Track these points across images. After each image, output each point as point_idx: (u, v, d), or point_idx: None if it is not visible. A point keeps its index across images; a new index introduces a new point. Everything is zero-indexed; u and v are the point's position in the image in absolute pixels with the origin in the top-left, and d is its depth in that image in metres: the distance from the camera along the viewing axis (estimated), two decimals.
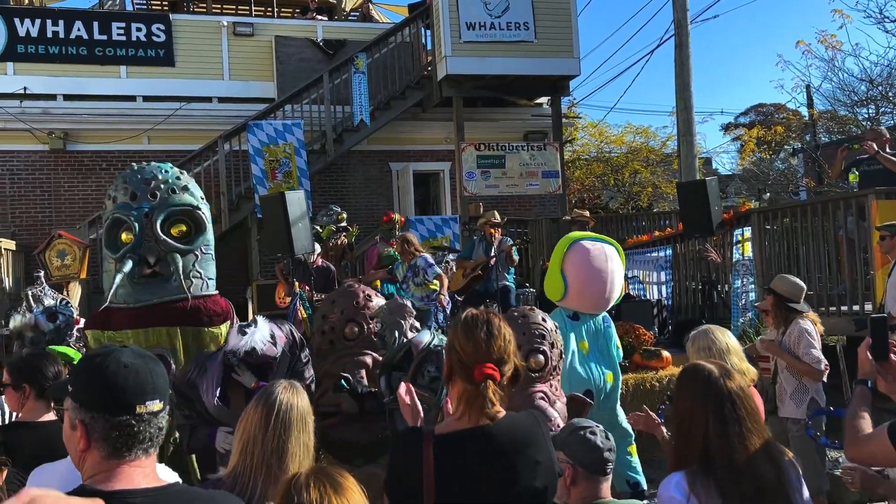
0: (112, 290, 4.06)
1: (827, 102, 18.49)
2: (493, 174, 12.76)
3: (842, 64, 15.25)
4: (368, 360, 4.46)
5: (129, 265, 4.04)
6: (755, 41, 66.38)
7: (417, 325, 4.25)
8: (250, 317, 9.86)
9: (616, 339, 4.95)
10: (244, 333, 3.50)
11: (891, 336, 2.52)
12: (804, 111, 21.06)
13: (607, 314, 4.96)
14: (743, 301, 8.59)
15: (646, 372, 7.21)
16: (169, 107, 12.51)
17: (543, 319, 3.41)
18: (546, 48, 12.62)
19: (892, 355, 2.44)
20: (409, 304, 4.44)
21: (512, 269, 8.93)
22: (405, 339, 3.85)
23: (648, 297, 10.51)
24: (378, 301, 5.14)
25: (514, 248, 8.59)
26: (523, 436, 2.09)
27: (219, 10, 15.29)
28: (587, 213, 9.78)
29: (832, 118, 19.87)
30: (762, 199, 22.95)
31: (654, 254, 10.66)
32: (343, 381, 3.94)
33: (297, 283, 7.82)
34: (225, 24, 13.32)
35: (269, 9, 15.22)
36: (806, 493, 2.23)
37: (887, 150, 7.82)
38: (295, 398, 2.21)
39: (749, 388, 2.36)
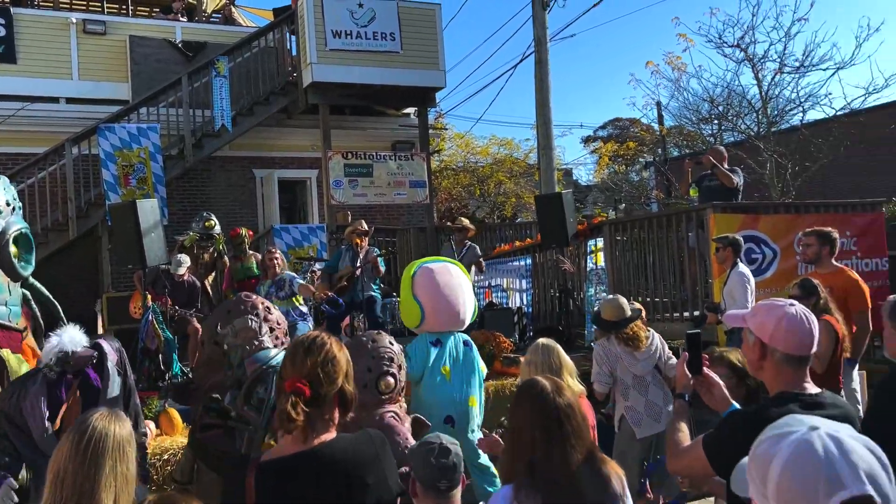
0: None
1: (675, 119, 19.77)
2: (361, 183, 12.71)
3: (686, 84, 16.36)
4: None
5: None
6: (612, 59, 70.01)
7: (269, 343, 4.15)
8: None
9: (480, 362, 5.03)
10: (51, 340, 3.27)
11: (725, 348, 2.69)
12: (656, 126, 22.45)
13: (469, 338, 5.04)
14: (596, 308, 9.00)
15: (505, 378, 7.42)
16: (10, 106, 11.62)
17: (391, 343, 3.44)
18: (412, 59, 12.75)
19: (705, 369, 2.60)
20: (279, 327, 4.33)
21: (378, 280, 8.93)
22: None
23: (511, 304, 10.82)
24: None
25: (380, 258, 8.61)
26: (354, 457, 2.09)
27: (67, 6, 14.38)
28: (466, 221, 9.97)
29: (680, 134, 21.26)
30: (618, 210, 24.22)
31: (516, 263, 10.99)
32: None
33: (149, 296, 7.46)
34: (74, 20, 12.54)
35: (124, 7, 14.48)
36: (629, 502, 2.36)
37: (725, 165, 8.46)
38: (112, 426, 2.09)
39: (578, 405, 2.47)
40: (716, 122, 16.94)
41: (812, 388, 2.38)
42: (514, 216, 21.04)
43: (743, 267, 6.55)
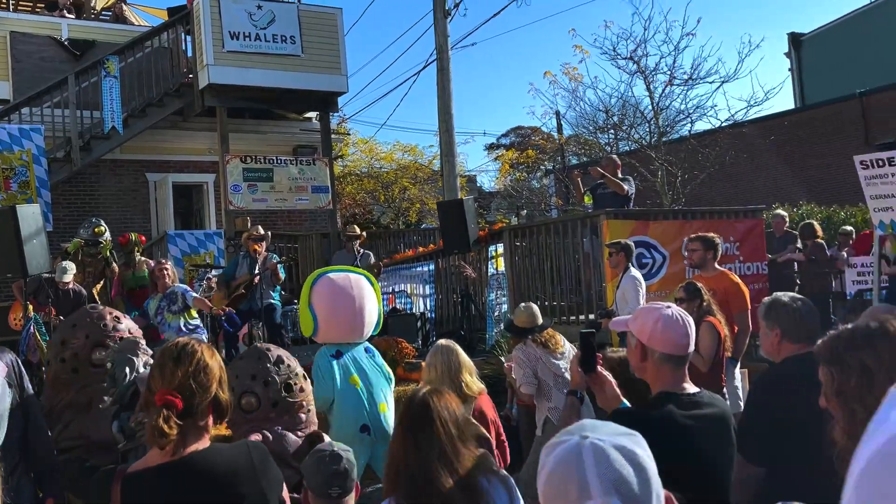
0: None
1: (573, 128, 20.34)
2: (261, 188, 12.45)
3: (583, 94, 16.84)
4: None
5: None
6: (513, 68, 71.58)
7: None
8: None
9: (386, 367, 5.01)
10: None
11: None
12: (556, 135, 23.05)
13: (372, 346, 5.01)
14: (497, 312, 9.17)
15: (408, 384, 7.43)
16: None
17: (280, 360, 3.36)
18: (313, 63, 12.61)
19: (598, 367, 2.69)
20: (141, 341, 4.19)
21: (278, 287, 8.78)
22: (135, 377, 3.63)
23: (415, 310, 10.87)
24: (128, 323, 4.79)
25: (279, 265, 8.46)
26: (226, 468, 2.02)
27: None
28: (357, 228, 9.91)
29: (579, 142, 21.90)
30: (520, 216, 24.71)
31: (419, 268, 11.05)
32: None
33: (31, 306, 7.06)
34: None
35: (4, 2, 13.66)
36: None
37: (619, 174, 8.78)
38: None
39: (461, 415, 2.41)
40: (611, 131, 17.53)
41: (690, 388, 2.50)
42: (418, 222, 21.13)
43: (635, 271, 6.80)
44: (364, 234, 9.77)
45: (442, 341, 4.23)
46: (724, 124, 15.26)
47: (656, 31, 18.20)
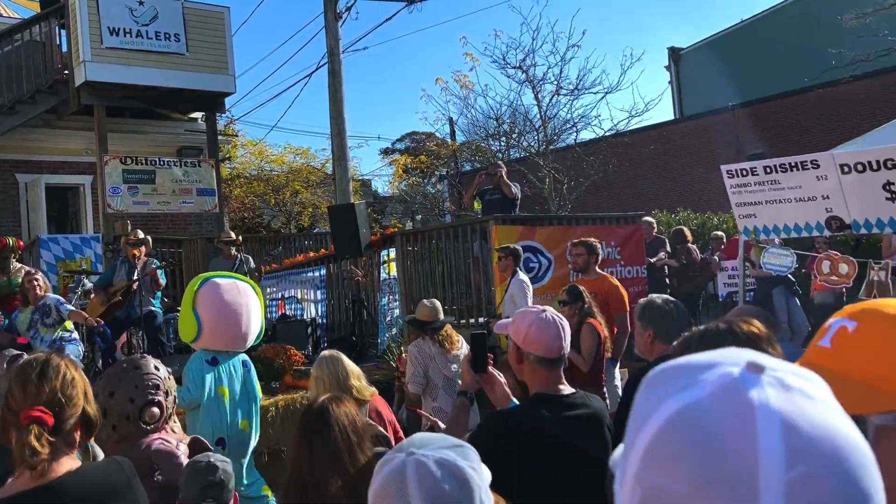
0: None
1: (465, 135, 20.63)
2: (143, 190, 11.94)
3: (474, 102, 17.11)
4: None
5: None
6: (407, 73, 71.86)
7: None
8: None
9: (257, 385, 4.89)
10: None
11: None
12: (450, 141, 23.30)
13: (249, 360, 4.88)
14: (388, 317, 9.16)
15: (296, 392, 7.30)
16: None
17: (156, 367, 3.25)
18: (199, 63, 12.21)
19: (490, 367, 2.72)
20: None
21: (159, 294, 8.43)
22: None
23: (305, 316, 10.69)
24: None
25: (160, 270, 8.13)
26: (100, 487, 1.94)
27: None
28: (233, 233, 9.64)
29: (471, 149, 22.22)
30: (415, 221, 24.81)
31: (310, 273, 10.89)
32: None
33: None
34: None
35: None
36: None
37: (505, 178, 8.97)
38: None
39: (353, 421, 2.42)
40: (503, 138, 17.89)
41: (566, 389, 2.57)
42: (311, 226, 20.82)
43: (522, 275, 6.97)
44: (240, 238, 9.51)
45: (325, 352, 4.20)
46: (607, 134, 15.89)
47: (544, 42, 18.67)
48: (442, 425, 3.36)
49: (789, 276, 7.79)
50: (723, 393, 0.60)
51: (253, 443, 4.64)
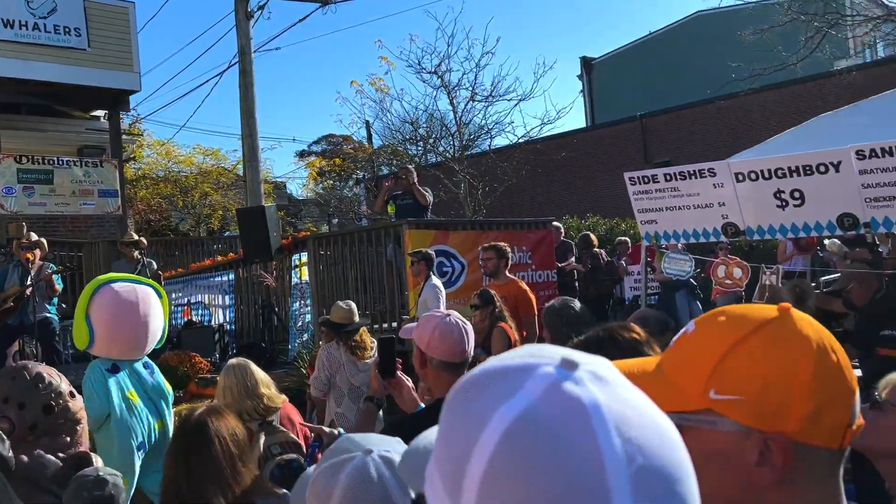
0: None
1: (382, 139, 20.59)
2: (39, 190, 11.37)
3: (390, 106, 17.07)
4: None
5: None
6: (323, 75, 71.26)
7: None
8: None
9: (165, 384, 4.72)
10: None
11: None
12: (367, 144, 23.19)
13: (150, 361, 4.70)
14: (300, 323, 9.01)
15: (201, 401, 7.07)
16: None
17: (39, 377, 3.04)
18: (101, 58, 11.72)
19: (398, 372, 2.69)
20: None
21: (55, 300, 8.03)
22: None
23: (213, 322, 10.40)
24: None
25: (56, 275, 7.74)
26: None
27: None
28: (134, 235, 9.28)
29: (388, 153, 22.18)
30: (331, 224, 24.56)
31: (218, 278, 10.60)
32: None
33: None
34: None
35: None
36: None
37: (416, 183, 8.95)
38: None
39: (242, 435, 2.36)
40: (420, 143, 17.93)
41: None
42: (222, 229, 20.28)
43: (435, 279, 6.99)
44: (143, 240, 9.17)
45: (233, 360, 4.07)
46: (520, 140, 16.14)
47: (459, 48, 18.86)
48: (333, 431, 3.33)
49: (691, 280, 8.10)
50: (551, 395, 0.57)
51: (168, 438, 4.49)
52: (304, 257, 9.41)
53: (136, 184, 18.16)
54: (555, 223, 11.45)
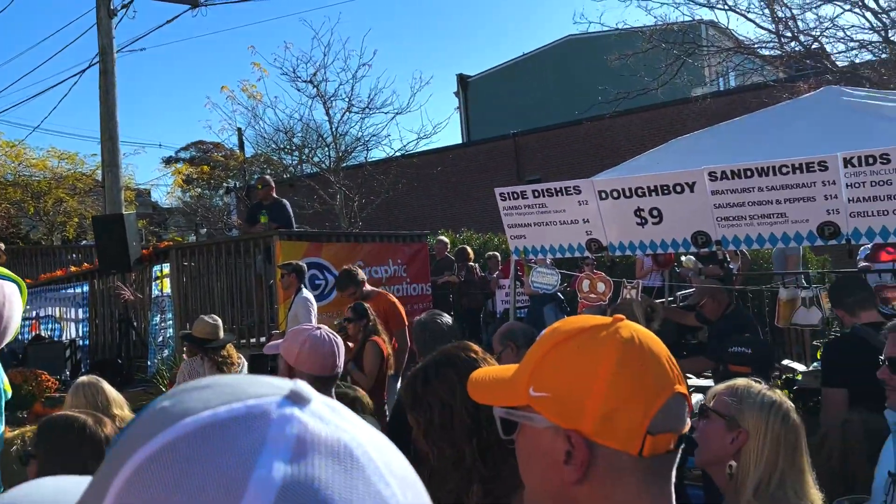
0: None
1: (254, 147, 20.01)
2: None
3: (263, 113, 16.64)
4: None
5: None
6: (194, 80, 68.83)
7: None
8: None
9: (4, 380, 4.31)
10: None
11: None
12: (238, 152, 22.47)
13: None
14: (161, 338, 8.55)
15: None
16: None
17: None
18: None
19: None
20: None
21: None
22: None
23: (64, 337, 9.68)
24: None
25: None
26: None
27: None
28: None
29: (261, 161, 21.59)
30: (200, 234, 23.60)
31: (71, 290, 9.89)
32: None
33: None
34: None
35: None
36: None
37: (273, 195, 8.71)
38: None
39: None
40: (295, 153, 17.59)
41: None
42: (78, 238, 19.02)
43: (307, 292, 6.83)
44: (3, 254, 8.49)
45: (83, 378, 3.79)
46: (396, 153, 16.18)
47: (335, 59, 18.66)
48: None
49: (558, 293, 8.34)
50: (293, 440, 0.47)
51: None
52: (167, 269, 8.95)
53: None
54: (442, 238, 11.53)
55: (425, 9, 75.58)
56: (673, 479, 0.98)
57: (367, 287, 6.36)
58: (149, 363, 8.24)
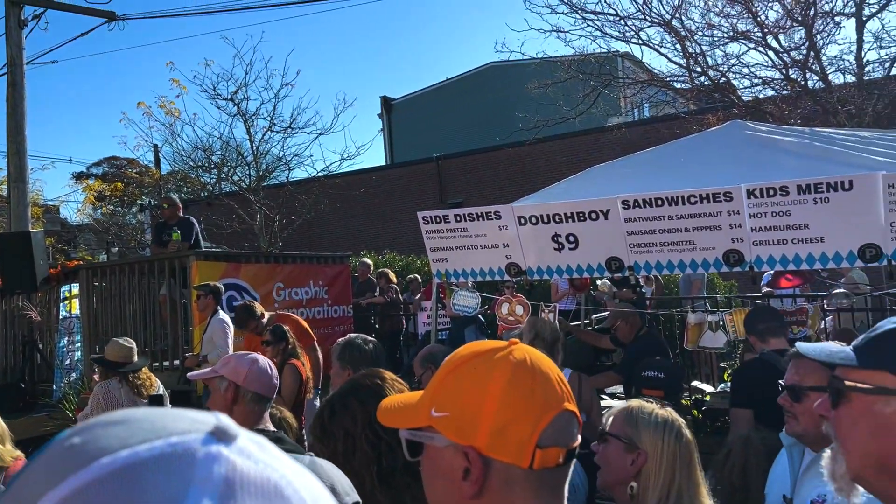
0: None
1: (171, 164, 19.52)
2: None
3: (181, 131, 16.28)
4: None
5: None
6: (108, 94, 66.66)
7: None
8: None
9: None
10: None
11: None
12: (154, 168, 21.84)
13: None
14: (67, 361, 8.19)
15: None
16: None
17: None
18: None
19: None
20: None
21: None
22: None
23: None
24: None
25: None
26: None
27: None
28: None
29: (178, 179, 21.05)
30: (111, 253, 22.76)
31: None
32: None
33: None
34: None
35: None
36: None
37: (180, 213, 8.52)
38: None
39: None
40: (214, 171, 17.25)
41: (271, 426, 2.68)
42: None
43: (223, 314, 6.70)
44: None
45: None
46: (319, 174, 16.08)
47: (258, 77, 18.45)
48: None
49: (479, 316, 8.44)
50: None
51: None
52: (76, 289, 8.60)
53: None
54: (366, 260, 11.49)
55: (350, 31, 75.74)
56: (565, 494, 1.04)
57: (266, 315, 6.25)
58: (54, 387, 7.87)
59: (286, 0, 13.13)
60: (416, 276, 11.14)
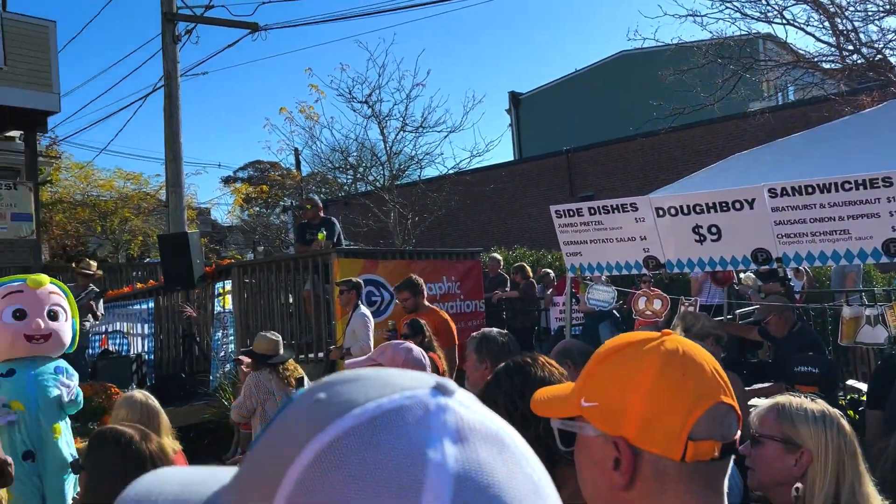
0: None
1: (311, 166, 20.43)
2: None
3: (319, 134, 16.96)
4: None
5: None
6: (253, 101, 70.58)
7: None
8: None
9: (74, 385, 4.47)
10: None
11: None
12: (295, 171, 22.96)
13: (65, 364, 4.47)
14: (222, 353, 8.77)
15: None
16: None
17: None
18: (18, 77, 11.29)
19: None
20: None
21: None
22: None
23: (131, 352, 10.02)
24: None
25: None
26: None
27: None
28: (93, 264, 9.01)
29: (318, 181, 21.99)
30: (257, 252, 24.11)
31: (138, 306, 10.24)
32: None
33: None
34: None
35: None
36: None
37: (321, 214, 8.86)
38: None
39: (168, 455, 2.41)
40: (350, 171, 17.88)
41: None
42: (141, 256, 19.64)
43: (364, 308, 6.94)
44: (101, 272, 8.87)
45: (137, 394, 3.69)
46: (449, 171, 16.29)
47: (390, 79, 18.92)
48: None
49: (614, 311, 8.28)
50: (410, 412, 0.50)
51: (71, 448, 4.28)
52: (228, 285, 9.19)
53: (52, 207, 17.45)
54: (495, 255, 11.57)
55: (477, 28, 76.13)
56: (725, 490, 1.01)
57: (424, 301, 6.42)
58: (211, 378, 8.46)
59: (416, 1, 13.41)
60: (549, 270, 11.07)
